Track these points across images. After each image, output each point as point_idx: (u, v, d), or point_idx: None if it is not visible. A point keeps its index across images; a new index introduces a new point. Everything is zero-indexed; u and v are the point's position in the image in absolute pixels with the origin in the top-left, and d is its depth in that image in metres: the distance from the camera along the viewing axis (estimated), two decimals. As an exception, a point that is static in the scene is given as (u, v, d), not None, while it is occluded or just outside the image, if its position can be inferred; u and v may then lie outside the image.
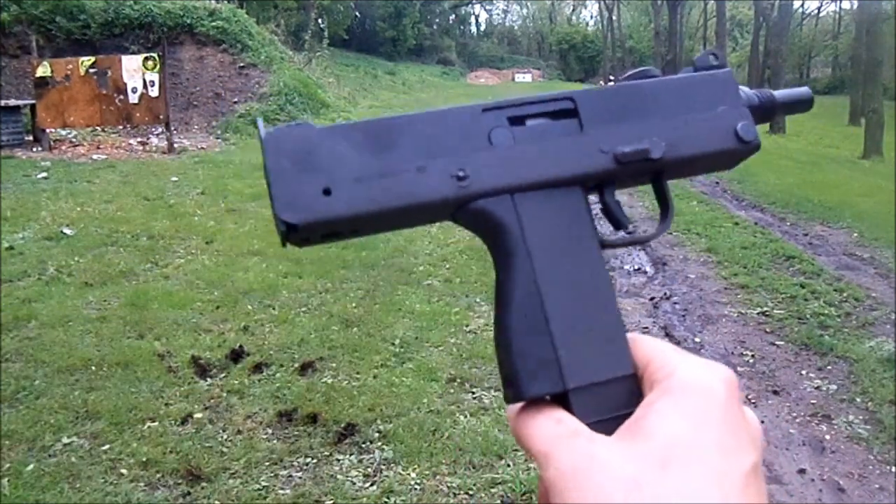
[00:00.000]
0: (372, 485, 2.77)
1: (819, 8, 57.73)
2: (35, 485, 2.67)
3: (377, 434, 3.11)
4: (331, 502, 2.66)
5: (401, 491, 2.73)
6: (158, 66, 10.93)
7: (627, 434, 0.33)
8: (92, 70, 10.83)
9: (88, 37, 13.71)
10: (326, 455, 2.95)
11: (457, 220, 0.41)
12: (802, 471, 2.99)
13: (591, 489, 0.31)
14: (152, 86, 10.94)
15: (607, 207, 0.44)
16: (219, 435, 3.07)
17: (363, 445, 3.03)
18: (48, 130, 11.04)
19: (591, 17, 76.56)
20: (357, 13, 42.28)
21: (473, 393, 3.51)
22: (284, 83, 14.28)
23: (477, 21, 72.55)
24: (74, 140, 11.75)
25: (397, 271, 5.52)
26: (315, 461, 2.90)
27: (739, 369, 3.97)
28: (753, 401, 3.60)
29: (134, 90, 10.92)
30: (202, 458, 2.87)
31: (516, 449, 2.95)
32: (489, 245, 0.40)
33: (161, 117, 11.15)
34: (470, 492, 2.73)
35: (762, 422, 3.34)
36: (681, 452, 0.31)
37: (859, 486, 2.90)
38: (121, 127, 11.96)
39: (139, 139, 12.21)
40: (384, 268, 5.60)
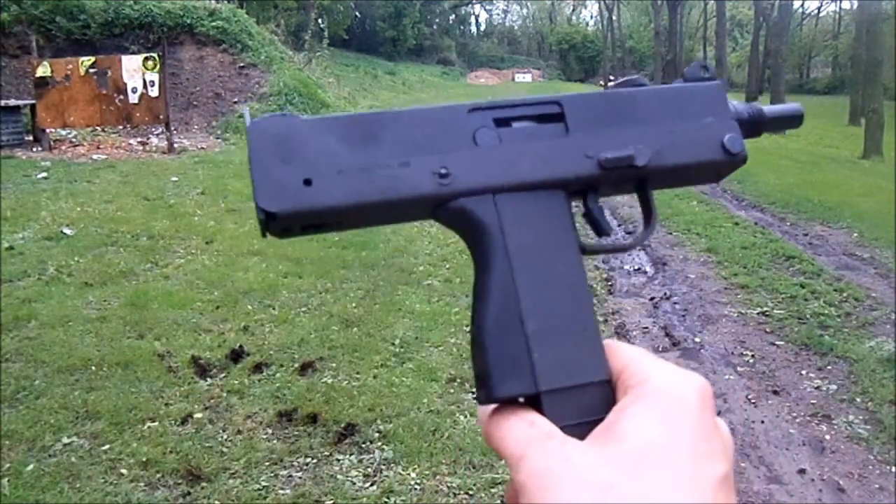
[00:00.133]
0: (372, 485, 2.77)
1: (819, 8, 57.77)
2: (35, 485, 2.67)
3: (377, 434, 3.11)
4: (331, 502, 2.67)
5: (401, 491, 2.73)
6: (158, 66, 10.93)
7: (600, 437, 0.33)
8: (92, 70, 10.83)
9: (88, 37, 13.71)
10: (326, 455, 2.95)
11: (437, 218, 0.41)
12: (802, 471, 2.99)
13: (564, 491, 0.31)
14: (152, 86, 10.94)
15: (590, 213, 0.43)
16: (219, 435, 3.07)
17: (363, 445, 3.03)
18: (48, 130, 11.04)
19: (591, 17, 76.60)
20: (357, 13, 42.29)
21: (473, 393, 3.51)
22: (284, 83, 14.27)
23: (477, 21, 72.58)
24: (74, 140, 11.75)
25: (397, 271, 5.52)
26: (315, 461, 2.90)
27: (739, 369, 3.97)
28: (753, 401, 3.60)
29: (134, 90, 10.92)
30: (202, 458, 2.87)
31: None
32: (469, 244, 0.40)
33: (161, 117, 11.15)
34: (470, 492, 2.73)
35: (762, 422, 3.36)
36: (654, 456, 0.31)
37: (859, 486, 2.90)
38: (121, 127, 11.96)
39: (139, 139, 12.21)
40: (384, 268, 5.60)
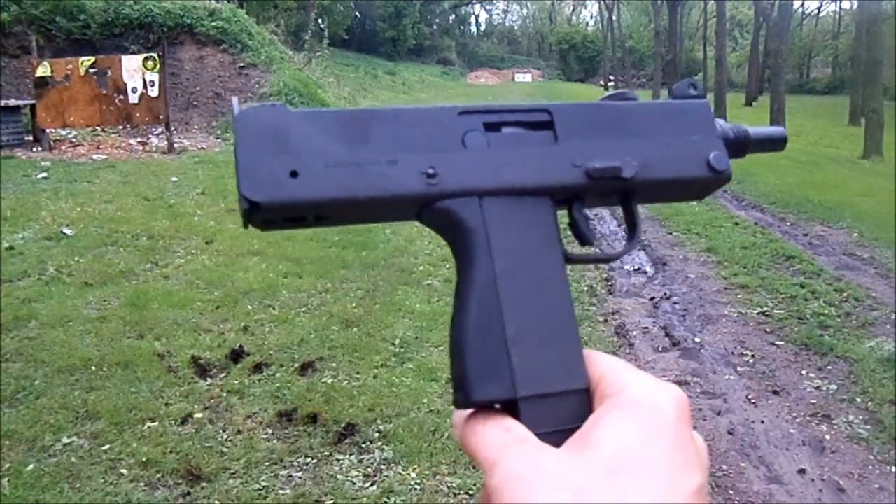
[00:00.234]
0: (372, 485, 2.77)
1: (819, 8, 57.77)
2: (35, 485, 2.67)
3: (377, 434, 3.11)
4: (331, 502, 2.67)
5: (401, 491, 2.73)
6: (158, 66, 10.93)
7: (576, 445, 0.33)
8: (92, 70, 10.83)
9: (88, 37, 13.71)
10: (326, 455, 2.95)
11: (422, 219, 0.40)
12: (802, 471, 2.99)
13: (537, 497, 0.30)
14: (152, 86, 10.94)
15: (575, 223, 0.44)
16: (219, 435, 3.07)
17: (363, 445, 3.03)
18: (48, 130, 11.04)
19: (591, 17, 76.62)
20: (357, 13, 42.30)
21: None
22: (284, 83, 14.26)
23: (477, 21, 72.59)
24: (74, 140, 11.75)
25: (397, 271, 5.52)
26: (315, 461, 2.90)
27: (739, 369, 3.97)
28: (753, 401, 3.60)
29: (134, 90, 10.91)
30: (202, 458, 2.87)
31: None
32: (453, 247, 0.40)
33: (161, 117, 11.14)
34: (470, 492, 2.73)
35: (762, 422, 3.36)
36: (629, 464, 0.31)
37: (859, 486, 2.90)
38: (121, 127, 11.96)
39: (139, 139, 12.21)
40: (384, 268, 5.60)
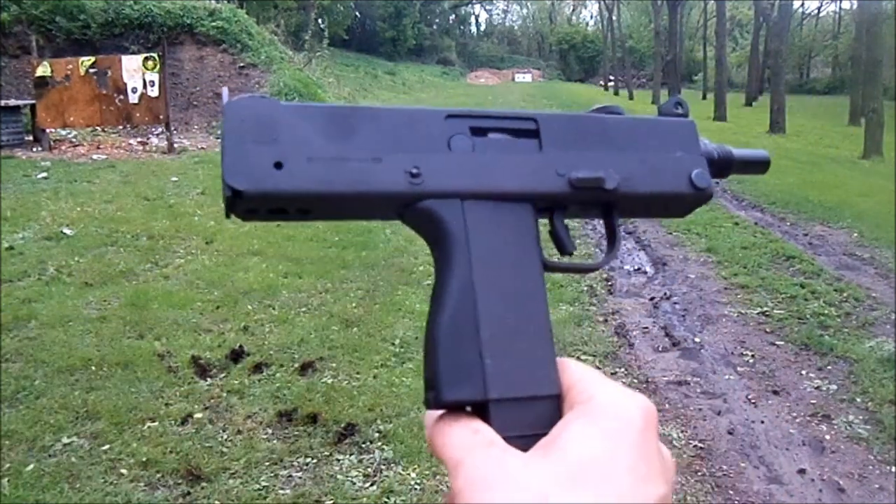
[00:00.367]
0: (372, 485, 2.77)
1: (819, 8, 57.80)
2: (35, 485, 2.67)
3: (377, 434, 3.11)
4: (331, 502, 2.67)
5: (401, 491, 2.73)
6: (158, 66, 10.93)
7: (541, 449, 0.33)
8: (92, 70, 10.83)
9: (88, 37, 13.71)
10: (326, 455, 2.95)
11: (404, 218, 0.41)
12: (802, 471, 2.99)
13: (498, 499, 0.30)
14: (152, 86, 10.94)
15: (555, 231, 0.44)
16: (219, 435, 3.07)
17: (363, 445, 3.03)
18: (48, 130, 11.04)
19: (591, 17, 76.64)
20: (357, 13, 42.31)
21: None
22: (284, 83, 14.26)
23: (477, 21, 72.61)
24: (74, 140, 11.75)
25: (397, 271, 5.52)
26: (315, 461, 2.90)
27: (739, 369, 3.97)
28: (753, 401, 3.60)
29: (134, 90, 10.91)
30: (202, 458, 2.87)
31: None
32: (433, 248, 0.40)
33: (161, 117, 11.14)
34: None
35: (762, 422, 3.36)
36: (592, 471, 0.31)
37: (859, 486, 2.90)
38: (121, 127, 11.95)
39: (139, 139, 12.21)
40: (384, 268, 5.60)
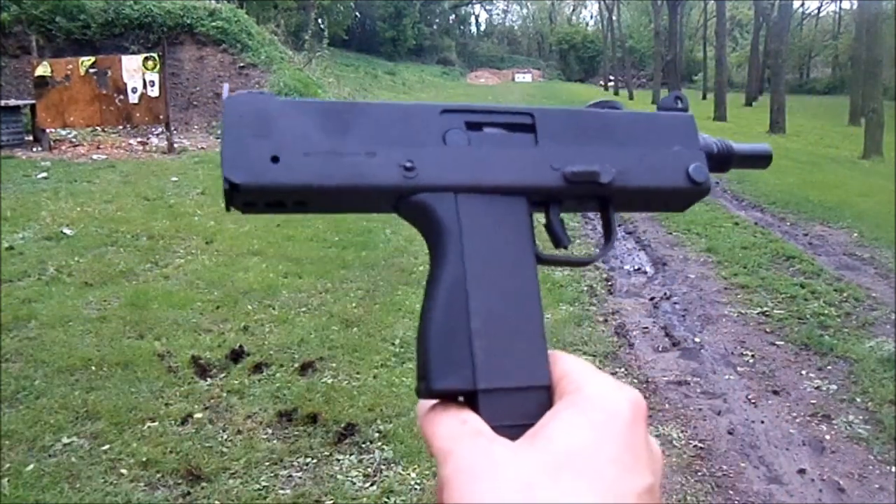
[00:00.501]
0: (372, 485, 2.77)
1: (819, 8, 57.80)
2: (35, 485, 2.67)
3: (377, 434, 3.11)
4: (331, 502, 2.67)
5: (401, 491, 2.73)
6: (158, 66, 10.93)
7: (528, 439, 0.34)
8: (92, 70, 10.83)
9: (88, 37, 13.71)
10: (326, 455, 2.95)
11: (399, 212, 0.41)
12: (802, 471, 2.99)
13: (484, 489, 0.31)
14: (152, 86, 10.94)
15: (550, 225, 0.44)
16: (219, 435, 3.07)
17: (363, 445, 3.03)
18: (48, 130, 11.04)
19: (591, 17, 76.65)
20: (357, 13, 42.31)
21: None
22: (284, 83, 14.26)
23: (477, 21, 72.62)
24: (74, 140, 11.75)
25: (397, 271, 5.52)
26: (315, 461, 2.90)
27: (739, 369, 3.97)
28: (753, 401, 3.60)
29: (134, 90, 10.91)
30: (202, 458, 2.87)
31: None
32: (427, 240, 0.41)
33: (161, 117, 11.14)
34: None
35: (762, 422, 3.36)
36: (578, 461, 0.32)
37: (859, 486, 2.90)
38: (121, 127, 11.96)
39: (139, 139, 12.21)
40: (384, 268, 5.60)
